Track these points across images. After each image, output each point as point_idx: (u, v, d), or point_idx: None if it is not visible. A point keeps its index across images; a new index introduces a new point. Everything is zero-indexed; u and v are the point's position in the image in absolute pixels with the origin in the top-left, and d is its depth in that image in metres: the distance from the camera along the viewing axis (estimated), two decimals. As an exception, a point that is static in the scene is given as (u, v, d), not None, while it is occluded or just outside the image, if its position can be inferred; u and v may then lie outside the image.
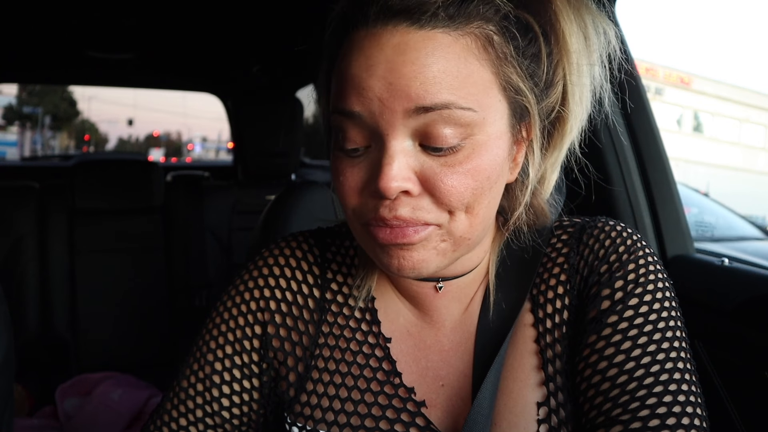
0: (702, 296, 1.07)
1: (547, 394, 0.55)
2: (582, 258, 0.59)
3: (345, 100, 0.49)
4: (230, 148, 4.74)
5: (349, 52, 0.49)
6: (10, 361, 0.78)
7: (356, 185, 0.51)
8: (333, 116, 0.51)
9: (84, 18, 2.02)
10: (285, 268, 0.65)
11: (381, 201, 0.50)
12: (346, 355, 0.61)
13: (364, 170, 0.51)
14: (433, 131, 0.48)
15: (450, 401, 0.58)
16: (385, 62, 0.47)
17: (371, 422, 0.57)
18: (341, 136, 0.51)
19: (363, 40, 0.49)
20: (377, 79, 0.47)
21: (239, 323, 0.64)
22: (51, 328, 2.10)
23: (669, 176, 1.19)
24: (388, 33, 0.47)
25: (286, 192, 0.93)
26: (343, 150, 0.51)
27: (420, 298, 0.61)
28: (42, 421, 1.81)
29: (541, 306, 0.59)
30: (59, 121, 32.85)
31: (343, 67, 0.50)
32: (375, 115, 0.48)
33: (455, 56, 0.47)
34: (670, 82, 29.91)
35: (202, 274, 2.30)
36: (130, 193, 2.26)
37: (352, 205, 0.52)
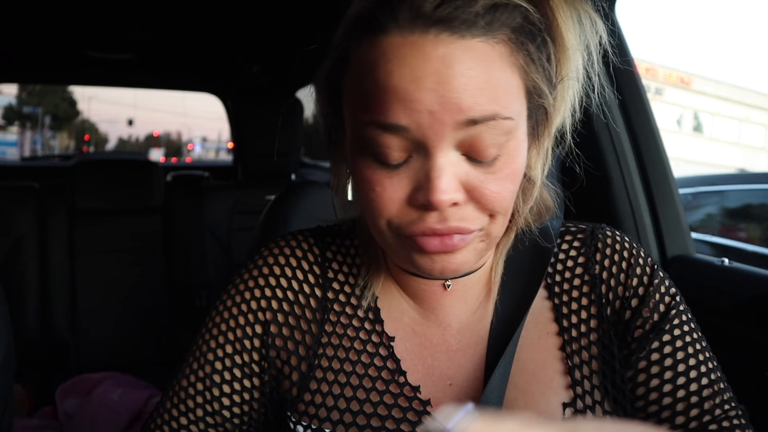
0: (702, 296, 1.07)
1: (574, 396, 0.57)
2: (603, 269, 0.63)
3: (388, 113, 0.47)
4: (230, 148, 4.74)
5: (384, 61, 0.47)
6: (10, 361, 0.78)
7: (396, 197, 0.50)
8: (367, 128, 0.49)
9: (84, 18, 2.02)
10: (285, 268, 0.64)
11: (427, 213, 0.50)
12: (350, 354, 0.60)
13: (406, 182, 0.50)
14: (479, 142, 0.48)
15: (459, 400, 0.58)
16: (433, 74, 0.46)
17: (377, 421, 0.57)
18: (378, 148, 0.49)
19: (401, 48, 0.47)
20: (427, 91, 0.46)
21: (239, 322, 0.64)
22: (51, 328, 2.10)
23: (669, 176, 1.19)
24: (431, 43, 0.46)
25: (286, 192, 0.93)
26: (379, 162, 0.50)
27: (426, 297, 0.62)
28: (42, 421, 1.81)
29: (566, 316, 0.61)
30: (59, 121, 32.84)
31: (379, 77, 0.47)
32: (423, 128, 0.47)
33: (494, 65, 0.47)
34: (670, 82, 29.91)
35: (202, 274, 2.30)
36: (130, 193, 2.26)
37: (390, 216, 0.51)
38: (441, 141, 0.48)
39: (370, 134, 0.49)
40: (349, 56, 0.51)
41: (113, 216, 2.24)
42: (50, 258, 2.13)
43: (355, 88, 0.51)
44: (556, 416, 0.56)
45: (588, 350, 0.60)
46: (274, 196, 0.94)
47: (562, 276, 0.64)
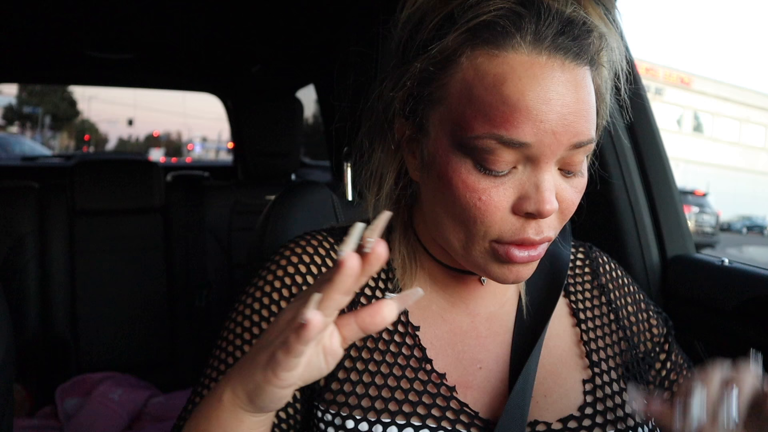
0: (702, 296, 1.07)
1: (592, 374, 0.66)
2: (609, 280, 0.74)
3: (516, 130, 0.50)
4: (230, 148, 4.74)
5: (515, 78, 0.50)
6: (10, 361, 0.78)
7: (501, 205, 0.53)
8: (484, 139, 0.51)
9: (84, 18, 2.02)
10: (311, 266, 0.65)
11: (528, 223, 0.54)
12: (379, 344, 0.62)
13: (511, 191, 0.53)
14: (573, 159, 0.54)
15: (488, 382, 0.63)
16: (560, 97, 0.50)
17: (409, 407, 0.59)
18: (490, 157, 0.52)
19: (531, 68, 0.50)
20: (554, 113, 0.50)
21: (272, 311, 0.63)
22: (51, 328, 2.10)
23: (669, 176, 1.19)
24: (559, 67, 0.50)
25: (286, 192, 0.92)
26: (485, 170, 0.52)
27: (459, 289, 0.66)
28: (42, 421, 1.81)
29: (582, 311, 0.71)
30: (59, 121, 32.84)
31: (509, 93, 0.50)
32: (543, 146, 0.51)
33: (593, 91, 0.54)
34: (670, 82, 29.91)
35: (202, 274, 2.30)
36: (130, 193, 2.26)
37: (491, 223, 0.54)
38: (551, 158, 0.52)
39: (485, 145, 0.51)
40: (458, 60, 0.53)
41: (113, 216, 2.24)
42: (50, 258, 2.13)
43: (468, 96, 0.52)
44: (577, 391, 0.64)
45: (603, 339, 0.69)
46: (274, 196, 0.94)
47: (574, 279, 0.73)
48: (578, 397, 0.64)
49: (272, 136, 2.33)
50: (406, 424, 0.58)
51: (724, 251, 14.70)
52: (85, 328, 2.15)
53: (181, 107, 68.39)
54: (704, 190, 17.61)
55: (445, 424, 0.58)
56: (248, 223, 2.32)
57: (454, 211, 0.55)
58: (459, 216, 0.55)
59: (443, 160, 0.55)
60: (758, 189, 31.20)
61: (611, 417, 0.63)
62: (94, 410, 1.77)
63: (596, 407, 0.63)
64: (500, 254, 0.55)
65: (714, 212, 16.20)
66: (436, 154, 0.56)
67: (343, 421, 0.59)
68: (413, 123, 0.59)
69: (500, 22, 0.51)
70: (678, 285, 1.13)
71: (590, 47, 0.52)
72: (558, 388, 0.64)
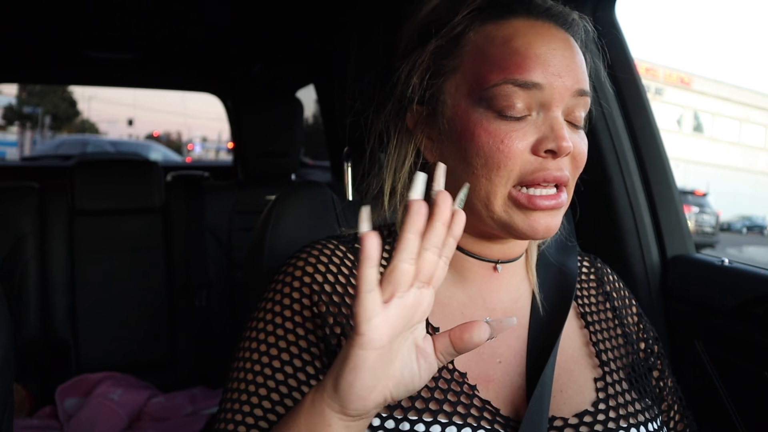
0: (702, 296, 1.07)
1: (603, 373, 0.69)
2: (613, 289, 0.79)
3: (529, 73, 0.59)
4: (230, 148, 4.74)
5: (521, 35, 0.60)
6: (10, 361, 0.78)
7: (523, 146, 0.59)
8: (499, 87, 0.59)
9: (84, 18, 2.02)
10: (330, 265, 0.67)
11: (548, 162, 0.60)
12: None
13: (529, 133, 0.60)
14: (575, 111, 0.62)
15: (507, 376, 0.65)
16: (561, 48, 0.61)
17: (436, 405, 0.60)
18: (507, 102, 0.59)
19: (533, 28, 0.61)
20: (558, 58, 0.60)
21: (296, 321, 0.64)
22: (51, 328, 2.10)
23: (669, 176, 1.19)
24: (555, 29, 0.62)
25: (286, 192, 0.92)
26: (504, 116, 0.59)
27: (477, 280, 0.69)
28: (42, 421, 1.81)
29: (589, 314, 0.75)
30: (59, 121, 32.84)
31: (518, 45, 0.60)
32: (552, 87, 0.59)
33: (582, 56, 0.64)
34: (670, 82, 29.90)
35: (202, 274, 2.30)
36: (130, 193, 2.26)
37: (514, 165, 0.59)
38: (560, 102, 0.60)
39: (502, 90, 0.59)
40: (467, 35, 0.63)
41: (113, 216, 2.24)
42: (50, 258, 2.13)
43: (481, 56, 0.61)
44: (589, 388, 0.68)
45: (610, 341, 0.73)
46: (274, 196, 0.94)
47: (581, 285, 0.77)
48: (591, 393, 0.67)
49: (272, 136, 2.33)
50: (434, 421, 0.59)
51: (724, 251, 14.70)
52: (85, 328, 2.15)
53: (181, 107, 68.37)
54: (704, 190, 17.61)
55: (470, 421, 0.60)
56: (248, 223, 2.32)
57: (478, 163, 0.60)
58: (482, 167, 0.60)
59: (464, 118, 0.61)
60: (758, 189, 31.20)
61: (623, 413, 0.66)
62: (94, 410, 1.77)
63: (608, 403, 0.66)
64: (522, 202, 0.60)
65: (714, 212, 16.19)
66: (456, 116, 0.62)
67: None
68: (428, 105, 0.65)
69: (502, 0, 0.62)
70: (678, 285, 1.13)
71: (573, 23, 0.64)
72: (572, 384, 0.67)
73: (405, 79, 0.66)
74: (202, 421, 1.81)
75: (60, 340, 2.09)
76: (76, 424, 1.76)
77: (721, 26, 70.42)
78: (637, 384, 0.70)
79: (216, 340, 2.23)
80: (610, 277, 0.81)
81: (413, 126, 0.67)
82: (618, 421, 0.65)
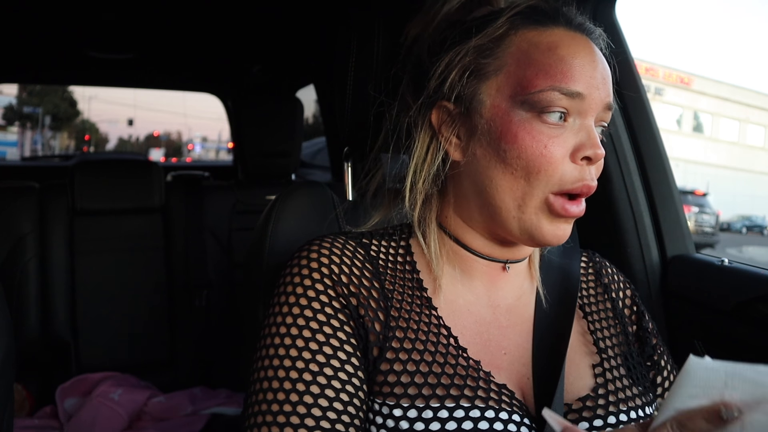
0: (702, 296, 1.07)
1: (600, 360, 0.72)
2: (611, 282, 0.81)
3: (573, 82, 0.61)
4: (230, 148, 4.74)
5: (564, 44, 0.63)
6: (10, 361, 0.78)
7: (563, 152, 0.62)
8: (545, 93, 0.61)
9: (84, 18, 2.02)
10: (344, 257, 0.67)
11: (584, 168, 0.63)
12: (419, 334, 0.65)
13: (568, 141, 0.62)
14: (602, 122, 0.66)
15: (513, 366, 0.68)
16: (598, 61, 0.64)
17: (456, 390, 0.62)
18: (551, 109, 0.61)
19: (575, 39, 0.64)
20: (598, 70, 0.63)
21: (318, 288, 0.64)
22: (51, 328, 2.10)
23: (669, 176, 1.19)
24: (590, 43, 0.65)
25: (286, 192, 0.92)
26: (547, 123, 0.62)
27: (485, 279, 0.71)
28: (42, 421, 1.81)
29: (588, 305, 0.78)
30: (59, 121, 32.82)
31: (563, 54, 0.62)
32: (591, 97, 0.62)
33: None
34: (670, 82, 29.90)
35: (202, 274, 2.30)
36: (130, 193, 2.25)
37: (554, 171, 0.62)
38: (595, 112, 0.63)
39: (547, 96, 0.61)
40: (509, 37, 0.64)
41: (113, 216, 2.24)
42: (50, 258, 2.13)
43: (527, 60, 0.63)
44: (588, 375, 0.70)
45: (608, 330, 0.76)
46: (274, 196, 0.94)
47: (582, 281, 0.79)
48: (590, 380, 0.70)
49: (272, 136, 2.33)
50: (456, 406, 0.60)
51: (723, 251, 14.70)
52: (85, 328, 2.15)
53: (181, 107, 68.37)
54: (704, 190, 17.61)
55: (492, 404, 0.62)
56: (248, 223, 2.32)
57: (518, 165, 0.62)
58: (522, 170, 0.62)
59: (505, 119, 0.63)
60: (758, 189, 31.20)
61: (621, 396, 0.69)
62: (94, 410, 1.77)
63: (607, 388, 0.69)
64: (555, 209, 0.62)
65: (714, 212, 16.20)
66: (496, 117, 0.64)
67: (390, 409, 0.61)
68: (461, 103, 0.66)
69: (541, 7, 0.65)
70: (678, 285, 1.13)
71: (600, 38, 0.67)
72: (573, 371, 0.70)
73: (439, 75, 0.66)
74: (202, 421, 1.81)
75: (60, 340, 2.09)
76: (76, 424, 1.76)
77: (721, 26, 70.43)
78: (633, 371, 0.73)
79: (216, 340, 2.23)
80: (608, 270, 0.83)
81: (438, 123, 0.68)
82: (618, 404, 0.68)
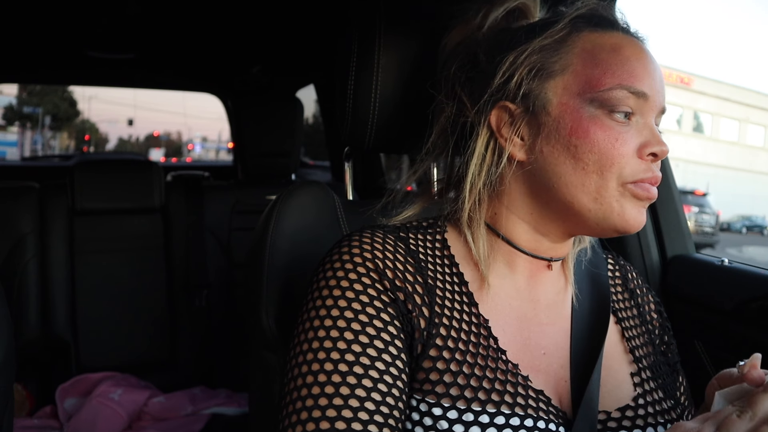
0: (702, 296, 1.07)
1: (638, 369, 0.72)
2: (636, 287, 0.81)
3: (641, 82, 0.64)
4: (230, 148, 4.74)
5: (624, 46, 0.65)
6: (10, 361, 0.78)
7: (631, 148, 0.64)
8: (613, 90, 0.63)
9: (84, 18, 2.02)
10: (386, 259, 0.65)
11: (650, 163, 0.64)
12: (462, 334, 0.65)
13: (635, 137, 0.64)
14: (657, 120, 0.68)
15: (551, 367, 0.67)
16: (657, 68, 0.66)
17: (497, 396, 0.61)
18: (619, 107, 0.63)
19: (632, 42, 0.66)
20: (657, 75, 0.66)
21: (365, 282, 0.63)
22: (51, 328, 2.10)
23: (669, 176, 1.19)
24: (646, 48, 0.67)
25: (286, 192, 0.92)
26: (615, 120, 0.63)
27: (524, 275, 0.71)
28: (42, 421, 1.81)
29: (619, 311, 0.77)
30: (59, 121, 32.81)
31: (627, 55, 0.64)
32: (653, 98, 0.65)
33: None
34: (670, 82, 29.89)
35: (202, 274, 2.30)
36: (130, 193, 2.25)
37: (624, 164, 0.63)
38: (654, 112, 0.66)
39: (615, 94, 0.63)
40: (570, 38, 0.66)
41: (113, 216, 2.24)
42: (50, 258, 2.13)
43: (593, 60, 0.65)
44: (628, 383, 0.70)
45: (641, 338, 0.76)
46: (274, 196, 0.94)
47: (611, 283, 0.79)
48: (630, 388, 0.69)
49: (272, 136, 2.33)
50: (497, 412, 0.60)
51: (723, 251, 14.69)
52: (85, 328, 2.15)
53: (181, 107, 68.26)
54: (704, 190, 17.61)
55: (530, 411, 0.61)
56: (248, 223, 2.32)
57: (590, 159, 0.63)
58: (595, 163, 0.63)
59: (575, 116, 0.64)
60: (758, 189, 31.20)
61: (659, 408, 0.69)
62: (94, 410, 1.77)
63: (646, 398, 0.69)
64: (639, 192, 0.64)
65: (714, 212, 16.20)
66: (565, 113, 0.65)
67: (429, 407, 0.60)
68: (525, 102, 0.67)
69: (598, 12, 0.68)
70: (678, 285, 1.13)
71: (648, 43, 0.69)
72: (611, 379, 0.69)
73: (503, 73, 0.67)
74: (202, 421, 1.81)
75: (60, 340, 2.09)
76: (76, 424, 1.76)
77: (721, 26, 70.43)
78: (663, 382, 0.73)
79: (216, 340, 2.24)
80: (632, 274, 0.83)
81: (498, 124, 0.68)
82: (656, 416, 0.68)
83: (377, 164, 2.66)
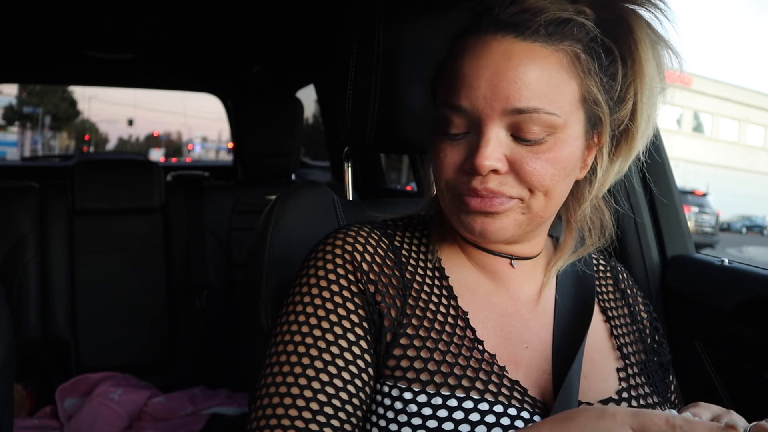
0: (702, 296, 1.07)
1: (624, 365, 0.72)
2: (627, 287, 0.82)
3: (455, 96, 0.61)
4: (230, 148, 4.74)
5: (461, 55, 0.61)
6: (10, 361, 0.78)
7: (454, 162, 0.63)
8: (441, 107, 0.63)
9: (84, 18, 2.02)
10: (367, 246, 0.69)
11: (474, 176, 0.61)
12: (436, 324, 0.66)
13: (462, 151, 0.62)
14: (524, 127, 0.59)
15: (534, 361, 0.68)
16: (492, 66, 0.59)
17: (468, 382, 0.62)
18: (446, 123, 0.62)
19: (475, 45, 0.61)
20: (484, 80, 0.59)
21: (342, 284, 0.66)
22: (51, 328, 2.10)
23: (669, 176, 1.19)
24: (497, 41, 0.59)
25: (286, 192, 0.92)
26: (445, 134, 0.63)
27: (497, 272, 0.71)
28: (42, 421, 1.81)
29: (609, 309, 0.78)
30: (59, 121, 32.82)
31: (455, 67, 0.62)
32: (478, 110, 0.60)
33: (549, 67, 0.59)
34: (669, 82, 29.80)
35: (202, 274, 2.30)
36: (130, 193, 2.25)
37: (448, 178, 0.64)
38: (491, 121, 0.59)
39: (443, 113, 0.63)
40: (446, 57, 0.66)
41: (113, 216, 2.24)
42: (50, 258, 2.13)
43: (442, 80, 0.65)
44: (613, 377, 0.70)
45: (630, 336, 0.76)
46: (274, 196, 0.94)
47: (600, 281, 0.80)
48: (614, 382, 0.70)
49: (272, 136, 2.33)
50: (466, 397, 0.61)
51: (723, 251, 14.70)
52: (85, 328, 2.15)
53: (181, 107, 68.31)
54: (704, 190, 17.61)
55: (501, 399, 0.62)
56: (248, 223, 2.32)
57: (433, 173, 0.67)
58: (434, 176, 0.66)
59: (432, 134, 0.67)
60: (758, 189, 31.19)
61: (645, 403, 0.69)
62: (94, 410, 1.77)
63: (630, 393, 0.69)
64: (461, 204, 0.63)
65: (714, 212, 16.19)
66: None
67: (400, 392, 0.61)
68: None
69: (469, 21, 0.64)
70: (678, 285, 1.13)
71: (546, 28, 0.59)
72: (596, 372, 0.70)
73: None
74: (202, 421, 1.81)
75: (60, 340, 2.09)
76: (76, 424, 1.76)
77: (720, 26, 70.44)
78: (652, 379, 0.74)
79: (216, 340, 2.24)
80: (624, 274, 0.84)
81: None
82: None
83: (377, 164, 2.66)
